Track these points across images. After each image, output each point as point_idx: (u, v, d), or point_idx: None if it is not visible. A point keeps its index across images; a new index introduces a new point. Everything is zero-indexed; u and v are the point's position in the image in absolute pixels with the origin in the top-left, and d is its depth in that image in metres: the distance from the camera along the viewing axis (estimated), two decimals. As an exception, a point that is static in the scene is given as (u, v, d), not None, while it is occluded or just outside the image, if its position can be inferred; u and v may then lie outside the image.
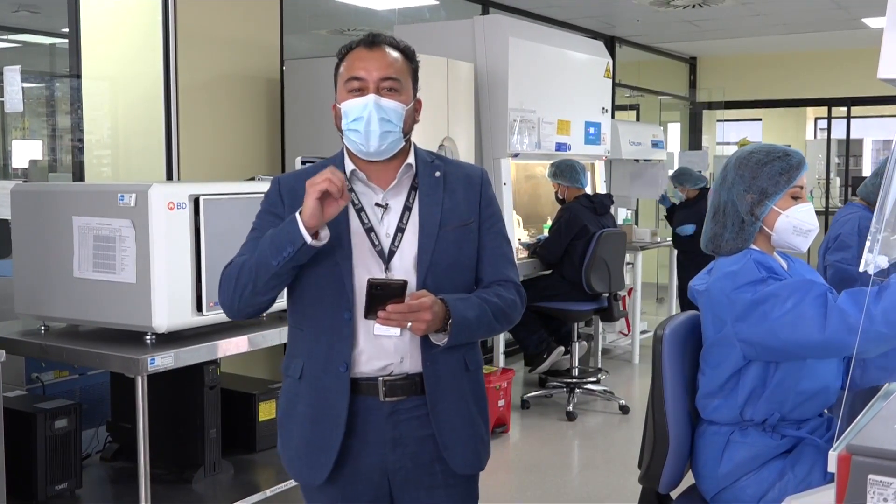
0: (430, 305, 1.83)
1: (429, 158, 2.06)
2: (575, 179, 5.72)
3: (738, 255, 2.30)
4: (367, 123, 1.90)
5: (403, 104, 1.95)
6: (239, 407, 3.57)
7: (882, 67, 1.68)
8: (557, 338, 5.86)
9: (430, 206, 1.98)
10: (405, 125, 1.96)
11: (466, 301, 1.92)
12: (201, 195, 2.93)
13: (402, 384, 1.96)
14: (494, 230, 2.06)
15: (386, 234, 1.96)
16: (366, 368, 1.95)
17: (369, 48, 1.96)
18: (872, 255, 1.70)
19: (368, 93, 1.92)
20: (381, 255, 1.94)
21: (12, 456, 2.73)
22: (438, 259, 1.95)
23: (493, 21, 5.61)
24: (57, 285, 3.03)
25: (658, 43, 9.60)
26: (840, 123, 10.79)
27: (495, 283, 2.02)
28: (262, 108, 4.89)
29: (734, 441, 2.28)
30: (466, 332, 1.92)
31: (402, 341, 1.94)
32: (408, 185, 2.00)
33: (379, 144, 1.93)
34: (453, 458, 2.00)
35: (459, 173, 2.06)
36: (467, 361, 2.03)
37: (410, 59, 2.01)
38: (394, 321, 1.82)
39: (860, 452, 1.58)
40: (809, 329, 2.06)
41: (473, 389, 2.05)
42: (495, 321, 1.97)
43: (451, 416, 1.99)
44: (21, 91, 3.64)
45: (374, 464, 1.98)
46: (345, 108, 1.94)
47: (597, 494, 4.29)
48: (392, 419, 1.96)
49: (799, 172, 2.30)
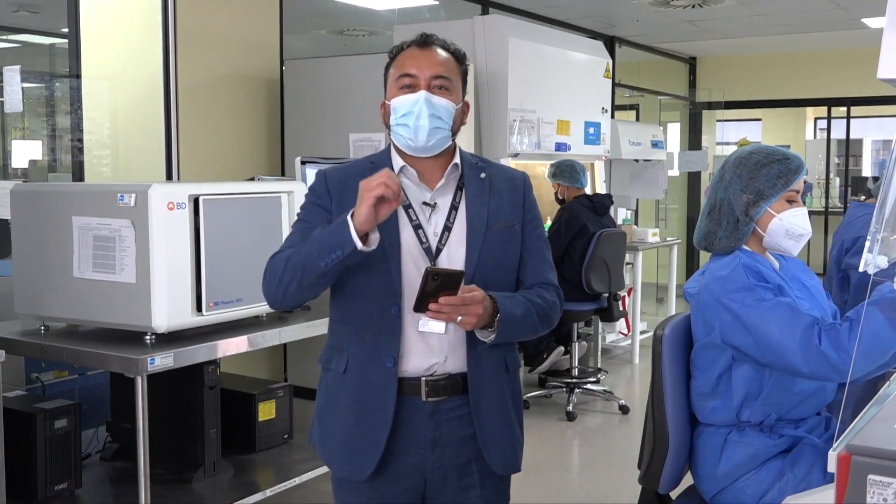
0: (482, 300, 1.84)
1: (473, 160, 2.08)
2: (575, 179, 5.72)
3: (728, 258, 2.31)
4: (416, 118, 1.92)
5: (454, 103, 1.97)
6: (239, 407, 3.57)
7: (882, 67, 1.68)
8: (557, 338, 5.86)
9: (478, 206, 2.00)
10: (454, 124, 1.99)
11: (513, 299, 1.94)
12: (201, 195, 2.93)
13: (444, 384, 1.96)
14: (536, 233, 2.09)
15: (434, 232, 1.97)
16: (411, 367, 1.95)
17: (421, 47, 1.98)
18: (872, 255, 1.70)
19: (419, 89, 1.94)
20: (429, 252, 1.95)
21: (12, 456, 2.73)
22: (486, 258, 1.97)
23: (493, 21, 5.61)
24: (57, 285, 3.03)
25: (658, 43, 9.60)
26: (840, 123, 10.79)
27: (537, 285, 2.04)
28: (262, 108, 4.89)
29: (732, 441, 2.29)
30: (513, 330, 1.93)
31: (446, 339, 1.95)
32: (454, 185, 2.02)
33: (427, 140, 1.94)
34: (493, 458, 2.01)
35: (504, 176, 2.09)
36: (508, 362, 2.04)
37: (461, 62, 2.03)
38: (445, 314, 1.81)
39: (860, 452, 1.58)
40: (792, 359, 2.11)
41: (512, 391, 2.07)
42: (539, 321, 1.99)
43: (492, 416, 2.00)
44: (21, 91, 3.63)
45: (413, 464, 1.98)
46: (395, 104, 1.96)
47: (596, 494, 4.29)
48: (433, 419, 1.97)
49: (797, 176, 2.31)
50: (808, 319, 2.11)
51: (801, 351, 2.09)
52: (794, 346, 2.10)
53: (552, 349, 5.72)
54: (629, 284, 6.80)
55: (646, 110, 10.74)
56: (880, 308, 2.04)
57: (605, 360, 6.89)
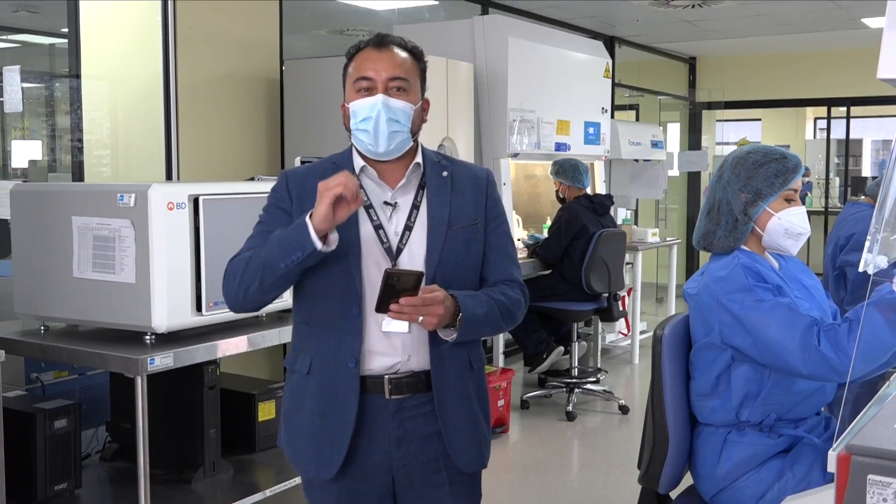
0: (443, 300, 1.84)
1: (436, 158, 2.08)
2: (576, 179, 5.72)
3: (727, 258, 2.31)
4: (375, 123, 1.92)
5: (412, 104, 1.97)
6: (239, 407, 3.57)
7: (881, 67, 1.68)
8: (557, 338, 5.86)
9: (439, 205, 2.00)
10: (413, 125, 1.98)
11: (475, 298, 1.94)
12: (201, 195, 2.93)
13: (407, 381, 1.97)
14: (500, 230, 2.08)
15: (394, 231, 1.98)
16: (374, 366, 1.96)
17: (378, 48, 1.98)
18: (872, 255, 1.70)
19: (377, 93, 1.93)
20: (389, 252, 1.95)
21: (12, 456, 2.73)
22: (447, 257, 1.97)
23: (493, 21, 5.61)
24: (56, 285, 3.03)
25: (658, 43, 9.60)
26: (839, 123, 10.80)
27: (500, 282, 2.04)
28: (262, 108, 4.89)
29: (732, 441, 2.29)
30: (475, 329, 1.93)
31: (409, 338, 1.95)
32: (416, 184, 2.02)
33: (388, 145, 1.94)
34: (458, 456, 2.01)
35: (466, 174, 2.08)
36: (472, 360, 2.04)
37: (418, 60, 2.03)
38: (406, 314, 1.82)
39: (860, 452, 1.58)
40: (791, 360, 2.11)
41: (477, 388, 2.07)
42: (502, 319, 1.99)
43: (457, 413, 2.00)
44: (21, 91, 3.63)
45: (379, 461, 1.99)
46: (353, 107, 1.96)
47: (596, 494, 4.30)
48: (398, 417, 1.97)
49: (795, 176, 2.32)
50: (807, 320, 2.12)
51: (800, 352, 2.09)
52: (792, 347, 2.10)
53: (552, 349, 5.71)
54: (629, 284, 6.81)
55: (645, 110, 10.74)
56: (879, 309, 2.04)
57: (605, 360, 6.89)
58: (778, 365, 2.16)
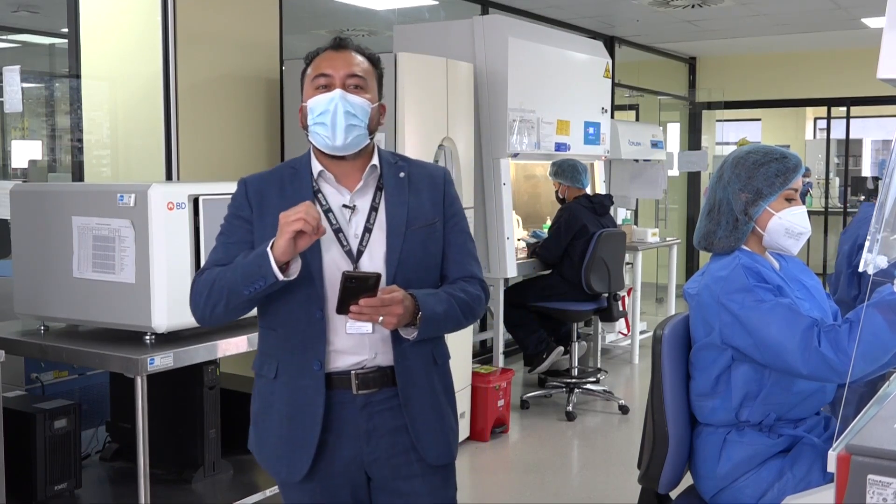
0: (402, 299, 1.87)
1: (392, 160, 2.10)
2: (576, 180, 5.72)
3: (728, 258, 2.31)
4: (333, 116, 1.95)
5: (369, 101, 2.00)
6: (239, 407, 3.55)
7: (881, 67, 1.68)
8: (557, 338, 5.86)
9: (397, 206, 2.03)
10: (371, 123, 2.01)
11: (435, 296, 1.97)
12: (201, 195, 2.94)
13: (374, 376, 2.00)
14: (458, 228, 2.10)
15: (354, 234, 2.00)
16: (340, 364, 1.99)
17: (336, 50, 2.02)
18: (872, 255, 1.70)
19: (335, 88, 1.97)
20: (350, 254, 1.98)
21: (12, 456, 2.73)
22: (406, 258, 1.99)
23: (493, 21, 5.61)
24: (56, 285, 3.03)
25: (658, 43, 9.60)
26: (839, 123, 10.79)
27: (460, 279, 2.06)
28: (262, 108, 4.89)
29: (731, 441, 2.29)
30: (435, 327, 1.96)
31: (373, 338, 1.98)
32: (373, 186, 2.04)
33: (345, 138, 1.96)
34: (425, 450, 2.04)
35: (423, 173, 2.10)
36: (435, 356, 2.08)
37: (375, 65, 2.07)
38: (366, 315, 1.85)
39: (860, 452, 1.58)
40: (792, 360, 2.11)
41: (443, 382, 2.10)
42: (462, 316, 2.02)
43: (423, 408, 2.03)
44: (20, 91, 3.63)
45: (350, 457, 2.01)
46: (311, 104, 1.98)
47: (596, 494, 4.29)
48: (365, 412, 2.00)
49: (795, 175, 2.32)
50: (808, 321, 2.12)
51: (801, 352, 2.09)
52: (793, 348, 2.10)
53: (552, 349, 5.72)
54: (629, 284, 6.81)
55: (645, 110, 10.74)
56: (880, 310, 2.04)
57: (605, 360, 6.89)
58: (778, 365, 2.16)
